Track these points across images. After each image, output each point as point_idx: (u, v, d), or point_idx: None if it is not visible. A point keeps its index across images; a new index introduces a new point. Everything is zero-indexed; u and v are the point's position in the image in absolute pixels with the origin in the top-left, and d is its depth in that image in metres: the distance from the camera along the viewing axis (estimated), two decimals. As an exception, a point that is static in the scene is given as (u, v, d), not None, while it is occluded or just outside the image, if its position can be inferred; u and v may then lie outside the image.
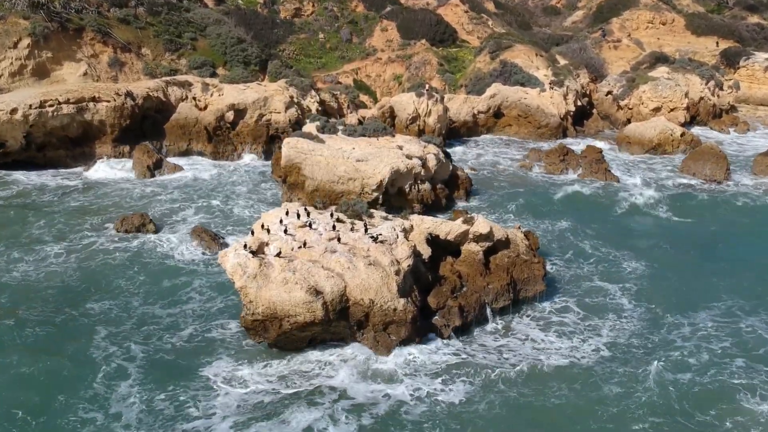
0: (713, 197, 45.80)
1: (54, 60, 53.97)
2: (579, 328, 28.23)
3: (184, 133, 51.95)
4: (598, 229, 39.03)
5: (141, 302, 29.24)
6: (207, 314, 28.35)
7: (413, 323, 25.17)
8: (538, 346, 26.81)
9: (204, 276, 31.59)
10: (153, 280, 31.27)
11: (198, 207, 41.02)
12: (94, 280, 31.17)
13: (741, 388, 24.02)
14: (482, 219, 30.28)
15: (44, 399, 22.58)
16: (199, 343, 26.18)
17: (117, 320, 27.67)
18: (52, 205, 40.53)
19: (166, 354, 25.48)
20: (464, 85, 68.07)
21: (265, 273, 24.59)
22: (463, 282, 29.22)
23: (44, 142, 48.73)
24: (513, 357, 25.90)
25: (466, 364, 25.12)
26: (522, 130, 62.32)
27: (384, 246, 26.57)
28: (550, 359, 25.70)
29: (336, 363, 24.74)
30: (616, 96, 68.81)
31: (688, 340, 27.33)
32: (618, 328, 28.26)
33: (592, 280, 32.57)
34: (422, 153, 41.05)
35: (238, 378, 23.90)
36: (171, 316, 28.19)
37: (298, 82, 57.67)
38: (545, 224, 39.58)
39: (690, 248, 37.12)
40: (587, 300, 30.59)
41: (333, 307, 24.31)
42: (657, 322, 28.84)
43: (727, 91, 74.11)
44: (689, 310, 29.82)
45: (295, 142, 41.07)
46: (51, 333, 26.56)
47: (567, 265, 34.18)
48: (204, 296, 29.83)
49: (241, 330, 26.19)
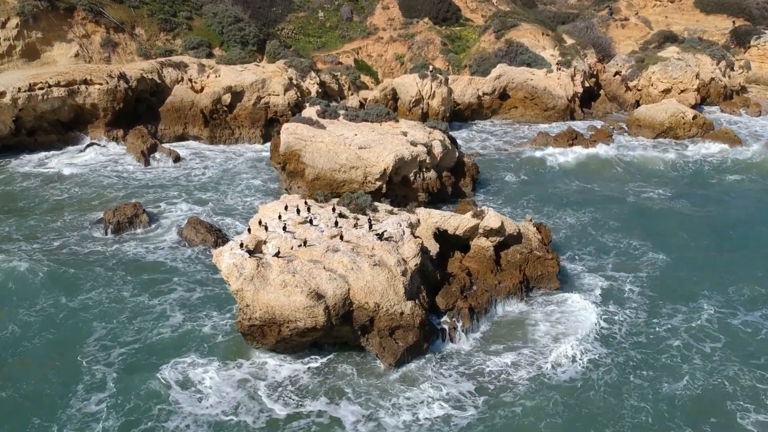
0: (731, 185, 44.19)
1: (44, 41, 51.94)
2: (595, 334, 26.24)
3: (179, 116, 50.18)
4: (610, 217, 37.37)
5: (130, 293, 27.97)
6: (194, 305, 27.00)
7: (421, 328, 23.54)
8: (544, 356, 24.75)
9: (198, 272, 30.04)
10: (141, 273, 29.71)
11: (192, 195, 39.34)
12: (81, 273, 29.70)
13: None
14: (493, 212, 28.61)
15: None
16: (181, 338, 24.93)
17: (109, 313, 26.49)
18: (32, 197, 38.95)
19: (147, 348, 24.38)
20: (468, 66, 66.05)
21: (262, 274, 22.94)
22: (473, 280, 27.65)
23: (35, 127, 47.08)
24: (517, 367, 24.11)
25: (478, 374, 23.51)
26: (528, 113, 60.45)
27: (390, 244, 24.89)
28: (561, 372, 23.85)
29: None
30: (624, 77, 66.77)
31: (714, 350, 25.79)
32: (635, 333, 26.45)
33: (607, 276, 30.78)
34: (427, 139, 39.26)
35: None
36: (160, 306, 26.95)
37: (298, 62, 55.75)
38: (555, 212, 37.93)
39: (708, 236, 35.51)
40: (603, 299, 28.80)
41: (336, 311, 22.67)
42: (679, 326, 27.24)
43: (738, 72, 72.13)
44: (709, 308, 28.21)
45: (294, 128, 39.28)
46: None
47: (581, 258, 32.47)
48: (192, 289, 28.38)
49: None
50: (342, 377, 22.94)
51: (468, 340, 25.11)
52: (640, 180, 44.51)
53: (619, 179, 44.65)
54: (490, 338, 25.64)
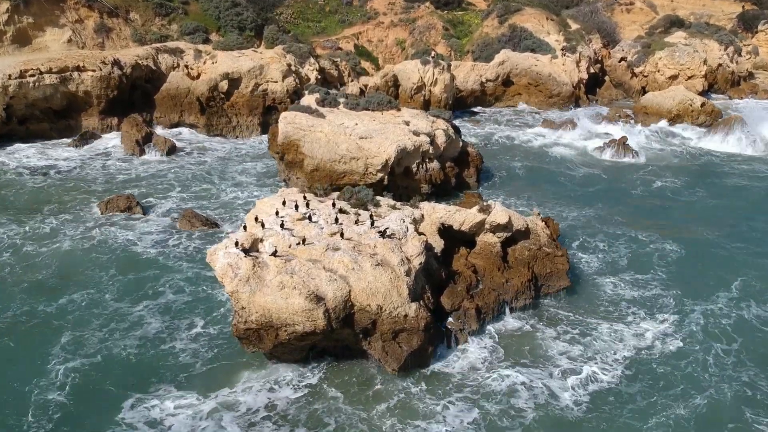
0: (745, 172, 43.02)
1: (36, 26, 50.60)
2: (609, 336, 24.99)
3: (175, 104, 48.81)
4: (617, 208, 36.26)
5: (114, 296, 26.57)
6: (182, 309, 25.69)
7: (426, 331, 22.33)
8: (556, 361, 23.45)
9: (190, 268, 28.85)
10: (129, 271, 28.35)
11: (187, 187, 38.08)
12: (73, 266, 28.65)
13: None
14: (500, 207, 27.39)
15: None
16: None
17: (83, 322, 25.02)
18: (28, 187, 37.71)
19: (129, 355, 22.99)
20: (471, 51, 64.68)
21: (259, 275, 21.71)
22: (479, 277, 26.47)
23: (26, 115, 45.74)
24: (530, 375, 22.75)
25: (482, 387, 22.18)
26: (532, 99, 59.20)
27: (392, 242, 23.66)
28: (571, 385, 22.24)
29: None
30: (630, 63, 65.50)
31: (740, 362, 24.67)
32: (651, 339, 25.01)
33: (619, 272, 29.63)
34: (430, 129, 37.98)
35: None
36: (138, 314, 25.36)
37: (296, 48, 54.33)
38: (562, 205, 36.74)
39: (723, 229, 34.37)
40: (615, 298, 27.64)
41: (336, 314, 21.46)
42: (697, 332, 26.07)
43: (746, 57, 70.83)
44: (723, 307, 27.05)
45: (292, 117, 37.97)
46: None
47: (591, 254, 31.23)
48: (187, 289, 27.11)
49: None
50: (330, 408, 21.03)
51: (474, 347, 23.78)
52: (648, 169, 43.30)
53: (626, 169, 43.40)
54: (497, 345, 24.06)
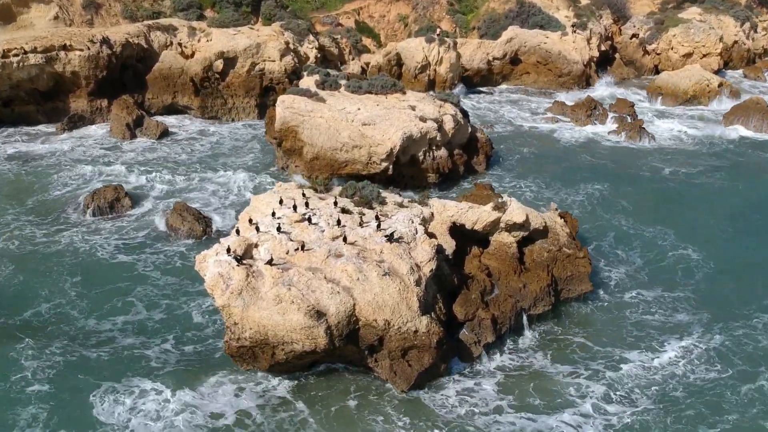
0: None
1: (20, 2, 47.98)
2: (634, 347, 23.04)
3: (168, 85, 46.33)
4: (636, 200, 34.12)
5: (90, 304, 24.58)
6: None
7: (439, 347, 20.23)
8: (581, 375, 21.61)
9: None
10: (107, 282, 26.16)
11: (180, 175, 35.83)
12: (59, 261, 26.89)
13: None
14: (516, 204, 25.19)
15: None
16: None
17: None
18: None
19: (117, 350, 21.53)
20: (477, 28, 61.84)
21: (253, 287, 19.58)
22: (494, 281, 24.32)
23: (11, 97, 43.31)
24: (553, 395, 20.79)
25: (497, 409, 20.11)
26: (541, 79, 56.62)
27: (401, 247, 21.46)
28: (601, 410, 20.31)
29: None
30: (642, 40, 62.75)
31: None
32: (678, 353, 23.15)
33: (640, 273, 27.55)
34: (438, 114, 35.66)
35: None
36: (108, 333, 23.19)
37: (295, 25, 51.76)
38: (578, 194, 34.60)
39: (747, 222, 32.33)
40: (639, 304, 25.57)
41: (339, 331, 19.36)
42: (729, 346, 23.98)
43: (762, 34, 68.05)
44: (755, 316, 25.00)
45: (291, 100, 35.66)
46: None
47: (610, 252, 29.10)
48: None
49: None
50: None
51: (489, 366, 21.72)
52: (664, 156, 40.97)
53: (642, 155, 41.03)
54: (515, 364, 22.03)
